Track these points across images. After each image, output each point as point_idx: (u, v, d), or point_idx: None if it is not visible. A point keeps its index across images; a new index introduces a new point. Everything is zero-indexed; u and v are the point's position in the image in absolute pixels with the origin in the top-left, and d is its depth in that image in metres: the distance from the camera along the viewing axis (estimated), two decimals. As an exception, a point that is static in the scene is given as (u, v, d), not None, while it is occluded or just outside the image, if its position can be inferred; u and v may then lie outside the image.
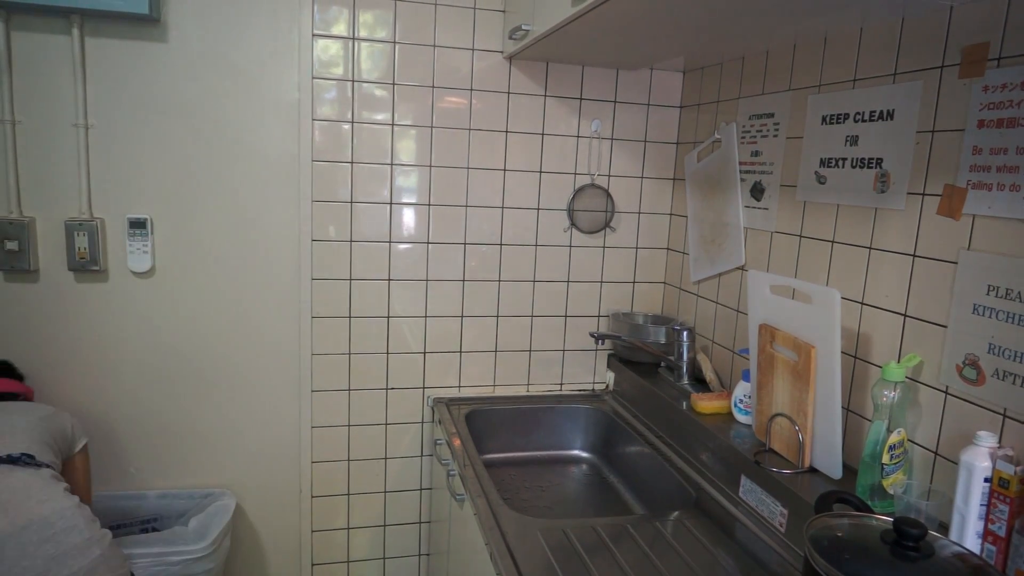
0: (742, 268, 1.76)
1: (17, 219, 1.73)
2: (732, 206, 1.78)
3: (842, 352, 1.29)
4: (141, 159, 1.80)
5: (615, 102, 2.04)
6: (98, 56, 1.73)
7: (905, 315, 1.25)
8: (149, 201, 1.82)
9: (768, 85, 1.66)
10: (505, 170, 2.01)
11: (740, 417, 1.60)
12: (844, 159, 1.40)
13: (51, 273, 1.79)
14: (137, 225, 1.81)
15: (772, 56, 1.64)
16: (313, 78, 1.86)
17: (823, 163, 1.45)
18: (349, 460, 2.06)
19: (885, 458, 1.17)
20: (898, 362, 1.21)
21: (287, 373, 1.97)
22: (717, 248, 1.85)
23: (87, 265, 1.78)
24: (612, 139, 2.06)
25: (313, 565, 2.09)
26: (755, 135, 1.70)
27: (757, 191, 1.69)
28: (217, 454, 1.97)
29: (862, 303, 1.35)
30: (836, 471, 1.30)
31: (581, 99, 2.02)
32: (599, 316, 2.14)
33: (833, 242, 1.43)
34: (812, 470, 1.34)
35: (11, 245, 1.73)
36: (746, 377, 1.57)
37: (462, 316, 2.05)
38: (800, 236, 1.54)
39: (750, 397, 1.54)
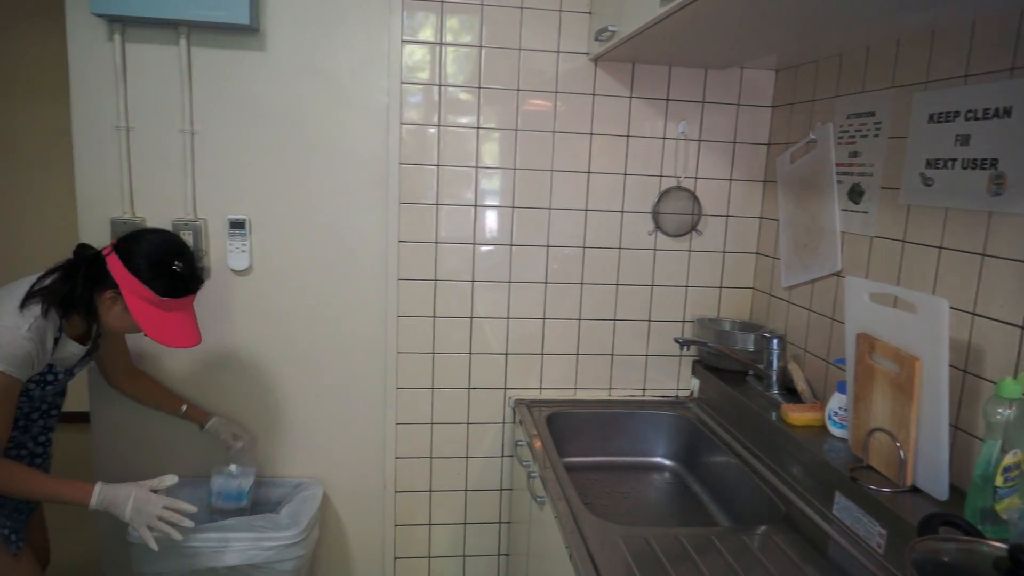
0: (838, 274, 1.68)
1: (130, 219, 1.84)
2: (828, 210, 1.70)
3: (950, 365, 1.21)
4: (241, 162, 1.89)
5: (703, 102, 2.00)
6: (203, 65, 1.83)
7: (1023, 327, 1.16)
8: (248, 202, 1.91)
9: (869, 83, 1.58)
10: (589, 172, 1.99)
11: (835, 430, 1.53)
12: (954, 160, 1.31)
13: (159, 271, 1.90)
14: (237, 225, 1.90)
15: (873, 52, 1.57)
16: (401, 83, 1.90)
17: (930, 164, 1.37)
18: (431, 457, 2.09)
19: (999, 480, 1.09)
20: (1015, 378, 1.12)
21: (374, 370, 2.03)
22: (811, 253, 1.78)
23: (192, 263, 1.88)
24: (699, 140, 2.01)
25: (396, 559, 2.14)
26: (854, 135, 1.62)
27: (855, 194, 1.61)
28: (307, 446, 2.05)
29: (973, 313, 1.27)
30: (942, 492, 1.22)
31: (668, 100, 1.98)
32: (684, 321, 2.10)
33: (941, 248, 1.35)
34: (915, 490, 1.27)
35: (124, 244, 1.85)
36: (842, 389, 1.50)
37: (544, 318, 2.05)
38: (903, 241, 1.45)
39: (846, 410, 1.47)
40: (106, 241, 1.83)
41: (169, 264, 1.49)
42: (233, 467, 1.85)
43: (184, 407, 1.87)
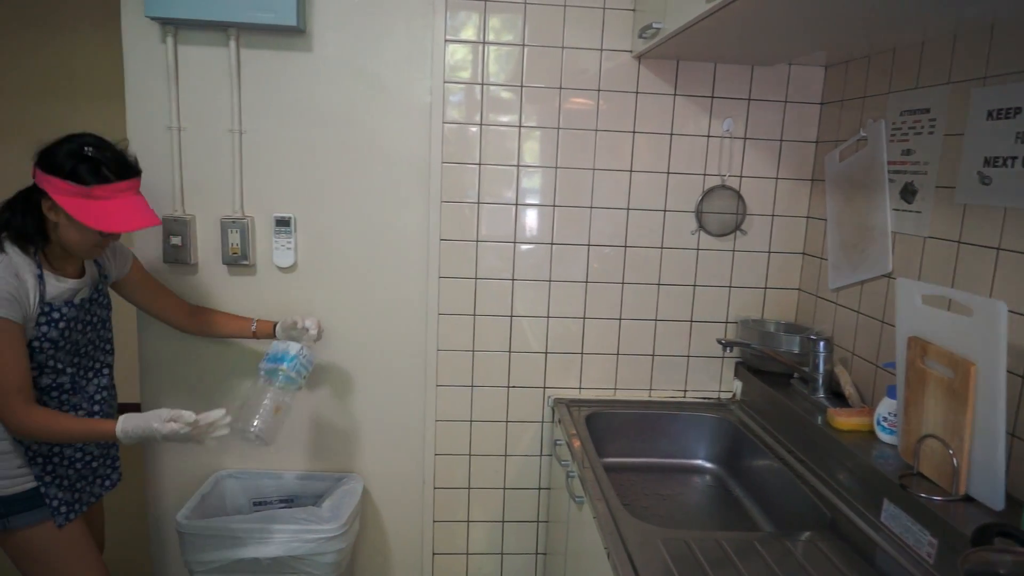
0: (888, 276, 1.63)
1: (181, 217, 1.89)
2: (879, 209, 1.66)
3: (1008, 371, 1.17)
4: (287, 161, 1.92)
5: (749, 99, 1.96)
6: (251, 66, 1.87)
7: (1087, 333, 1.12)
8: (293, 201, 1.94)
9: (923, 78, 1.53)
10: (631, 171, 1.98)
11: (883, 436, 1.48)
12: (1014, 158, 1.26)
13: (208, 266, 1.95)
14: (282, 223, 1.93)
15: (928, 47, 1.52)
16: (444, 82, 1.91)
17: (988, 162, 1.32)
18: (470, 455, 2.10)
19: (1059, 491, 1.05)
20: (1077, 385, 1.08)
21: (414, 366, 2.04)
22: (860, 254, 1.73)
23: (238, 260, 1.93)
24: (745, 138, 1.98)
25: (434, 555, 2.16)
26: (907, 132, 1.57)
27: (908, 193, 1.56)
28: (348, 440, 2.08)
29: (1033, 317, 1.22)
30: (998, 502, 1.18)
31: (713, 97, 1.95)
32: (727, 322, 2.06)
33: (999, 249, 1.30)
34: (968, 499, 1.22)
35: (175, 240, 1.90)
36: (891, 393, 1.46)
37: (584, 317, 2.04)
38: (959, 242, 1.40)
39: (896, 415, 1.42)
40: (158, 234, 1.89)
41: (82, 152, 1.44)
42: (294, 344, 1.75)
43: (254, 324, 1.86)
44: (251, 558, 1.72)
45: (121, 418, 1.49)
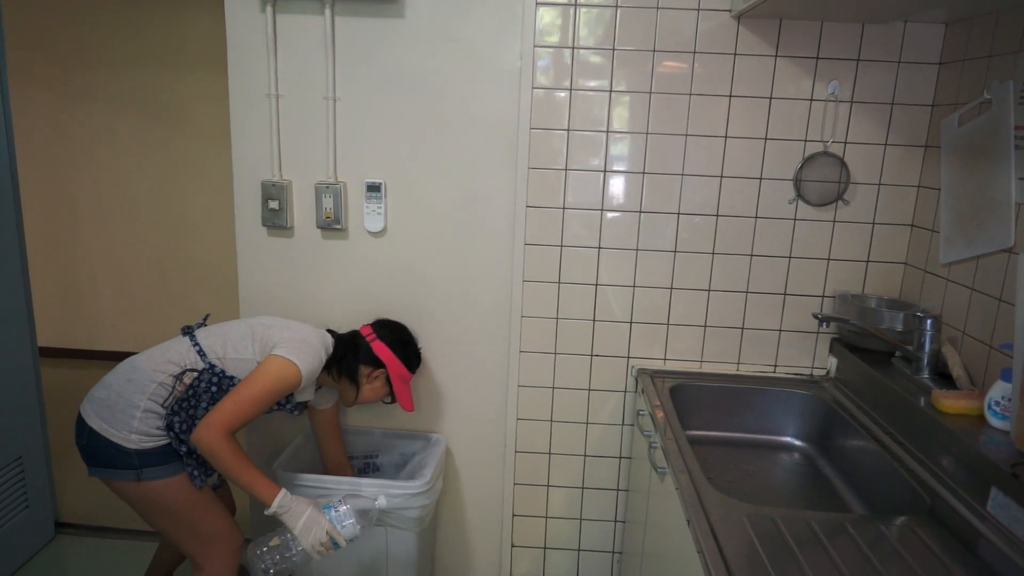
0: (1009, 250, 1.51)
1: (278, 182, 1.97)
2: (1001, 178, 1.53)
3: None
4: (378, 128, 1.95)
5: (858, 60, 1.84)
6: (345, 33, 1.90)
7: None
8: (383, 167, 1.98)
9: (1061, 33, 1.39)
10: (726, 137, 1.90)
11: (995, 422, 1.39)
12: None
13: (303, 230, 2.02)
14: (373, 189, 1.98)
15: (1070, -3, 1.37)
16: (534, 46, 1.88)
17: None
18: (552, 421, 2.12)
19: None
20: None
21: (498, 332, 2.07)
22: (977, 226, 1.61)
23: (331, 224, 1.99)
24: (851, 102, 1.86)
25: (514, 516, 2.20)
26: (1038, 94, 1.44)
27: (1036, 160, 1.43)
28: (433, 402, 2.13)
29: None
30: (1124, 497, 1.09)
31: (817, 58, 1.84)
32: (823, 296, 1.97)
33: None
34: (1089, 492, 1.14)
35: (273, 204, 1.98)
36: (1006, 377, 1.36)
37: (671, 288, 2.00)
38: (1093, 214, 1.28)
39: (1010, 400, 1.33)
40: (257, 199, 1.97)
41: (415, 347, 1.94)
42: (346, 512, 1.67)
43: None
44: (341, 509, 1.80)
45: (282, 493, 1.58)
